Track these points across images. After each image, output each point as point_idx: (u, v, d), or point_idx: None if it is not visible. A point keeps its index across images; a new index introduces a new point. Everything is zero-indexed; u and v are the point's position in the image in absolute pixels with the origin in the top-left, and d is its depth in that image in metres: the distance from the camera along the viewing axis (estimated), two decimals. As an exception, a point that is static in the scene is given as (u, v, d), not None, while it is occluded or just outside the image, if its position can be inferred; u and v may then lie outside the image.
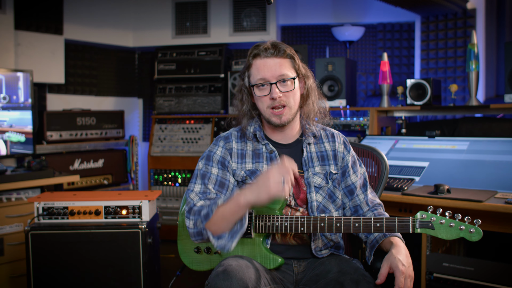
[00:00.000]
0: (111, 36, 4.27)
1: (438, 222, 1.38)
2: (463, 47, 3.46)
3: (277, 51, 1.56)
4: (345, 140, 1.71)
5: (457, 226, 1.36)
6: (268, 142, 1.64)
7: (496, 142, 2.49)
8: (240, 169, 1.62)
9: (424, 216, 1.39)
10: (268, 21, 4.03)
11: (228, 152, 1.64)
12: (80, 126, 3.77)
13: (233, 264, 1.37)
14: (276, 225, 1.52)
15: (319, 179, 1.62)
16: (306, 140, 1.66)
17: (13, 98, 3.07)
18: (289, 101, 1.57)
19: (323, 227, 1.47)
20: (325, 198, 1.62)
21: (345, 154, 1.68)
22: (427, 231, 1.38)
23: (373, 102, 3.93)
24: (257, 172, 1.60)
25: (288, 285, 1.57)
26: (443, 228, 1.37)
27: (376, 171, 1.91)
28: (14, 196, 2.80)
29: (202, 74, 4.12)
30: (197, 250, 1.63)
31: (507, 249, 2.62)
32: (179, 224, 1.69)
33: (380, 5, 3.74)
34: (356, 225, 1.45)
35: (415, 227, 1.39)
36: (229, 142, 1.65)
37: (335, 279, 1.46)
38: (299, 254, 1.61)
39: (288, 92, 1.56)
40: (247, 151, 1.64)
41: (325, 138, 1.69)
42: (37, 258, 2.09)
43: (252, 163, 1.62)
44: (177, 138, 4.05)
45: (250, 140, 1.65)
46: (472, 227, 1.35)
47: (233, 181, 1.62)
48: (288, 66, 1.57)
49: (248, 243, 1.56)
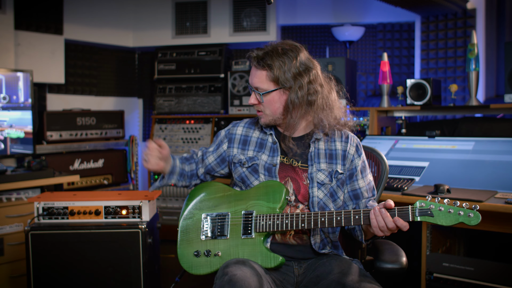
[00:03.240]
0: (111, 36, 4.27)
1: (437, 209, 1.38)
2: (463, 47, 3.46)
3: (260, 61, 1.58)
4: (358, 144, 1.71)
5: (455, 212, 1.37)
6: (273, 133, 1.69)
7: (498, 142, 2.49)
8: (240, 154, 1.71)
9: (423, 205, 1.40)
10: (268, 21, 4.02)
11: (229, 137, 1.75)
12: (80, 126, 3.77)
13: (238, 274, 1.37)
14: (277, 223, 1.53)
15: (323, 176, 1.62)
16: (315, 135, 1.66)
17: (13, 98, 3.07)
18: (264, 110, 1.63)
19: (324, 221, 1.48)
20: (326, 196, 1.62)
21: (355, 157, 1.67)
22: (427, 219, 1.39)
23: (373, 102, 3.93)
24: (254, 159, 1.67)
25: (289, 286, 1.57)
26: (442, 215, 1.38)
27: (376, 171, 1.91)
28: (14, 196, 2.80)
29: (202, 74, 4.12)
30: (196, 254, 1.62)
31: (507, 249, 2.62)
32: (180, 230, 1.68)
33: (380, 5, 3.74)
34: (357, 217, 1.46)
35: (415, 215, 1.40)
36: (235, 127, 1.76)
37: (336, 280, 1.46)
38: (299, 254, 1.62)
39: (264, 102, 1.61)
40: (252, 138, 1.72)
41: (339, 138, 1.69)
42: (37, 258, 2.09)
43: (253, 151, 1.69)
44: (177, 138, 4.05)
45: (258, 127, 1.73)
46: (470, 211, 1.36)
47: (215, 163, 1.76)
48: (263, 79, 1.59)
49: (248, 243, 1.56)
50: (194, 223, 1.67)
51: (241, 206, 1.62)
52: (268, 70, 1.57)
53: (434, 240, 2.42)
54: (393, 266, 1.57)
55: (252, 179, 1.67)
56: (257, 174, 1.66)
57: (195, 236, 1.64)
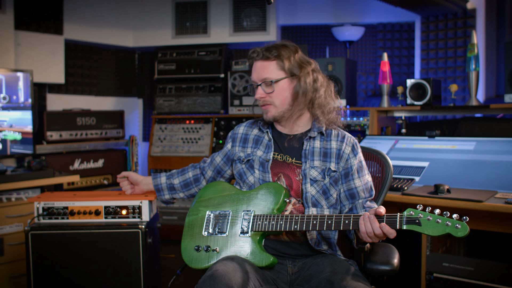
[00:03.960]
0: (111, 36, 4.27)
1: (425, 218, 1.38)
2: (463, 47, 3.46)
3: (266, 54, 1.67)
4: (355, 144, 1.73)
5: (443, 222, 1.36)
6: (269, 131, 1.76)
7: (498, 142, 2.49)
8: (240, 151, 1.80)
9: (412, 213, 1.40)
10: (268, 21, 4.03)
11: (231, 137, 1.86)
12: (80, 126, 3.77)
13: (220, 269, 1.41)
14: (272, 223, 1.57)
15: (316, 173, 1.66)
16: (310, 134, 1.71)
17: (13, 98, 3.07)
18: (273, 101, 1.68)
19: (315, 224, 1.51)
20: (319, 193, 1.66)
21: (350, 156, 1.70)
22: (414, 227, 1.39)
23: (373, 102, 3.93)
24: (251, 155, 1.75)
25: (282, 285, 1.60)
26: (430, 224, 1.38)
27: (381, 172, 1.91)
28: (14, 196, 2.80)
29: (202, 74, 4.12)
30: (197, 248, 1.67)
31: (507, 249, 2.62)
32: (185, 224, 1.77)
33: (380, 5, 3.74)
34: (346, 222, 1.48)
35: (402, 223, 1.40)
36: (238, 127, 1.86)
37: (326, 278, 1.48)
38: (293, 251, 1.65)
39: (271, 93, 1.67)
40: (250, 136, 1.81)
41: (335, 137, 1.73)
42: (37, 258, 2.09)
43: (251, 148, 1.78)
44: (177, 138, 4.05)
45: (257, 126, 1.81)
46: (458, 223, 1.35)
47: (222, 163, 1.87)
48: (273, 69, 1.67)
49: (244, 241, 1.60)
50: (199, 219, 1.73)
51: (242, 205, 1.67)
52: (277, 60, 1.66)
53: (434, 240, 2.42)
54: (383, 268, 1.57)
55: (248, 174, 1.74)
56: (252, 169, 1.73)
57: (198, 232, 1.70)
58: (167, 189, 1.97)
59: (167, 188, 1.97)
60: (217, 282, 1.37)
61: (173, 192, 1.97)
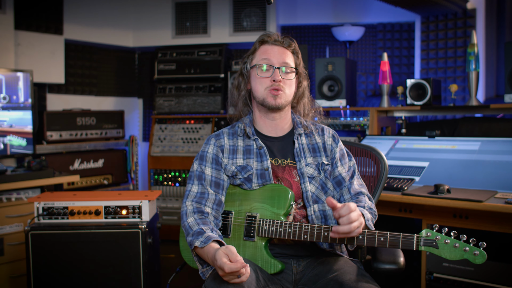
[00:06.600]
0: (111, 36, 4.27)
1: (443, 241, 1.37)
2: (463, 47, 3.46)
3: (285, 42, 1.68)
4: (334, 134, 1.76)
5: (461, 248, 1.36)
6: (258, 138, 1.68)
7: (498, 142, 2.49)
8: (231, 164, 1.65)
9: (429, 234, 1.39)
10: (268, 21, 4.02)
11: (220, 149, 1.68)
12: (80, 126, 3.77)
13: None
14: (280, 230, 1.53)
15: (311, 169, 1.66)
16: (297, 131, 1.71)
17: (13, 98, 3.07)
18: (285, 88, 1.64)
19: (327, 236, 1.48)
20: (318, 189, 1.65)
21: (333, 146, 1.72)
22: (431, 250, 1.38)
23: (373, 102, 3.93)
24: (247, 167, 1.63)
25: (287, 284, 1.57)
26: (447, 248, 1.37)
27: (376, 171, 1.91)
28: (14, 196, 2.80)
29: (202, 74, 4.12)
30: None
31: (507, 249, 2.62)
32: None
33: (380, 5, 3.74)
34: (360, 237, 1.46)
35: (419, 245, 1.40)
36: (220, 139, 1.70)
37: (334, 279, 1.46)
38: (299, 252, 1.62)
39: (287, 80, 1.65)
40: (238, 147, 1.68)
41: (316, 132, 1.74)
42: (37, 258, 2.09)
43: (243, 159, 1.66)
44: (177, 138, 4.05)
45: (240, 136, 1.70)
46: (476, 249, 1.34)
47: (227, 178, 1.66)
48: (292, 60, 1.68)
49: (250, 246, 1.56)
50: None
51: (245, 207, 1.62)
52: (293, 54, 1.69)
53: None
54: (390, 267, 1.57)
55: (248, 185, 1.64)
56: (250, 183, 1.63)
57: None
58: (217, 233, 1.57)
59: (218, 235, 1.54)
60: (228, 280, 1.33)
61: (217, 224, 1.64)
